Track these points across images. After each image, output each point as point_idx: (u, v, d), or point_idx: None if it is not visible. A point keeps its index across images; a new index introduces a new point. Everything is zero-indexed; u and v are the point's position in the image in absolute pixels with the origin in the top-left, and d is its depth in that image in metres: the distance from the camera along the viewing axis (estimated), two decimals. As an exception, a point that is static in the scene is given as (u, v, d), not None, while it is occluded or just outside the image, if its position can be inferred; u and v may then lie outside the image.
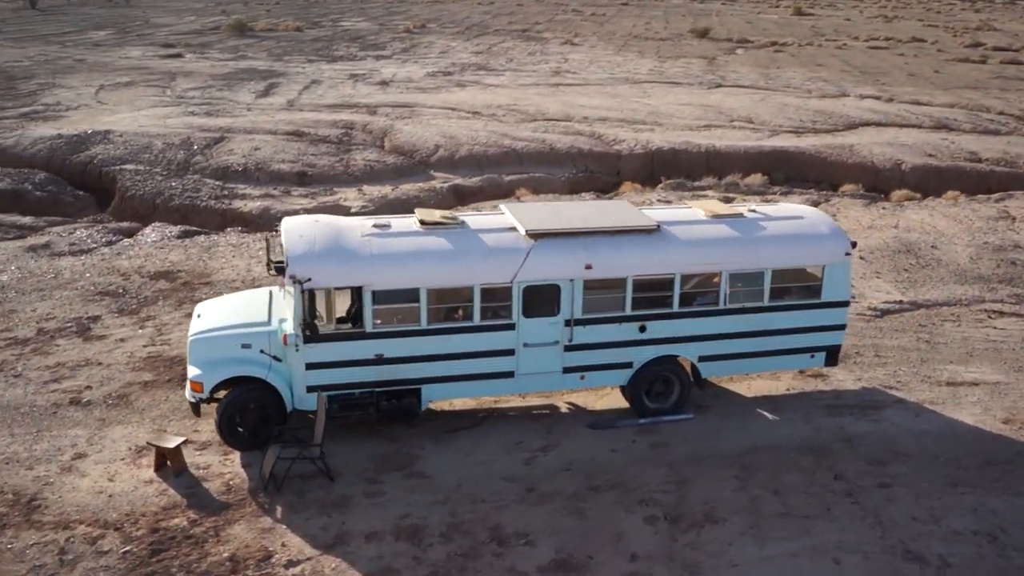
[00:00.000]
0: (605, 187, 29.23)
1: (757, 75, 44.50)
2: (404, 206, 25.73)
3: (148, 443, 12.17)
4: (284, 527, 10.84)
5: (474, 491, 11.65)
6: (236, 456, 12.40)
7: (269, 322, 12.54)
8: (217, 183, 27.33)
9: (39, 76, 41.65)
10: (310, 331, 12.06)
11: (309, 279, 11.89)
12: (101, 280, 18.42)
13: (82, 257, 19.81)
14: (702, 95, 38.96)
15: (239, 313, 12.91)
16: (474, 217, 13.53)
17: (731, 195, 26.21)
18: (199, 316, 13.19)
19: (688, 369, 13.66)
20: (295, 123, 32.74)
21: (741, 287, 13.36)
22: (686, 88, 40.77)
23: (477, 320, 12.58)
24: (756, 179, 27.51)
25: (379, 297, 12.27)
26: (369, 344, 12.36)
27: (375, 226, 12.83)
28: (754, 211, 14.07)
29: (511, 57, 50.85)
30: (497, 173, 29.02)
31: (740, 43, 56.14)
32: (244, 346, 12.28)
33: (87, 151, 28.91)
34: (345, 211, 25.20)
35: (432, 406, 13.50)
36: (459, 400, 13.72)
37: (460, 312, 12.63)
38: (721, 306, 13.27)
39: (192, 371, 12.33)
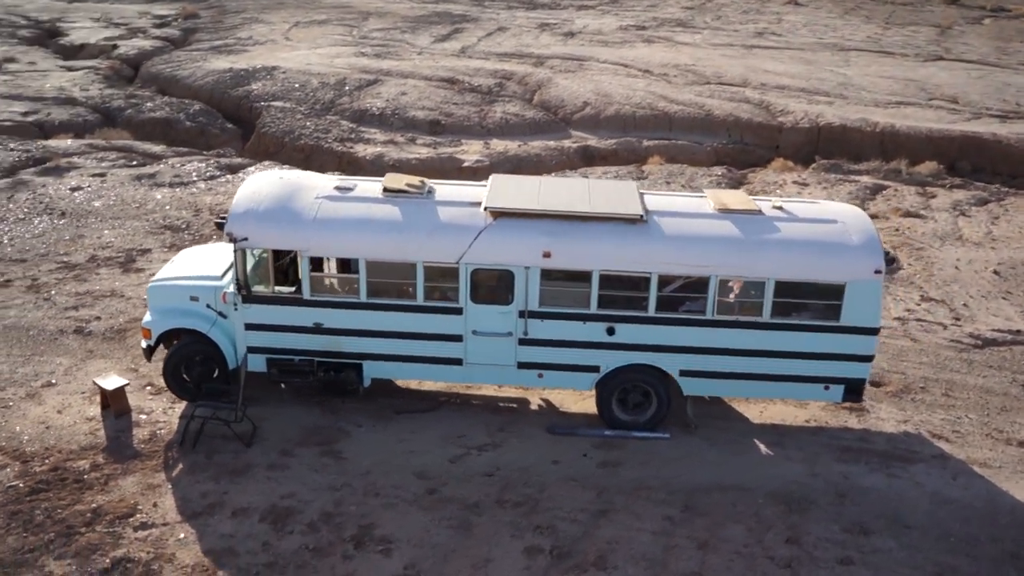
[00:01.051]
0: (757, 162, 26.56)
1: (991, 49, 38.55)
2: (524, 163, 24.84)
3: (93, 382, 12.40)
4: (169, 487, 10.63)
5: (376, 482, 10.85)
6: (181, 406, 12.35)
7: (221, 277, 12.28)
8: (351, 126, 27.66)
9: (248, 11, 44.26)
10: (246, 292, 11.67)
11: (245, 238, 11.46)
12: (174, 214, 19.15)
13: (176, 189, 20.72)
14: (911, 68, 34.35)
15: (202, 265, 12.75)
16: (445, 187, 12.44)
17: (888, 183, 22.85)
18: (172, 262, 13.22)
19: (667, 386, 11.81)
20: (455, 70, 32.45)
21: (736, 297, 11.36)
22: (897, 59, 36.11)
23: (421, 300, 11.61)
24: (928, 167, 23.80)
25: (317, 264, 11.62)
26: (307, 312, 11.79)
27: (336, 188, 12.14)
28: (780, 208, 11.88)
29: (721, 14, 47.53)
30: (638, 137, 27.20)
31: (994, 12, 48.87)
32: (192, 299, 12.14)
33: (246, 86, 30.28)
34: (459, 164, 24.70)
35: (401, 384, 12.78)
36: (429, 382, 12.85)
37: (408, 289, 11.69)
38: (708, 316, 11.36)
39: (145, 317, 12.38)
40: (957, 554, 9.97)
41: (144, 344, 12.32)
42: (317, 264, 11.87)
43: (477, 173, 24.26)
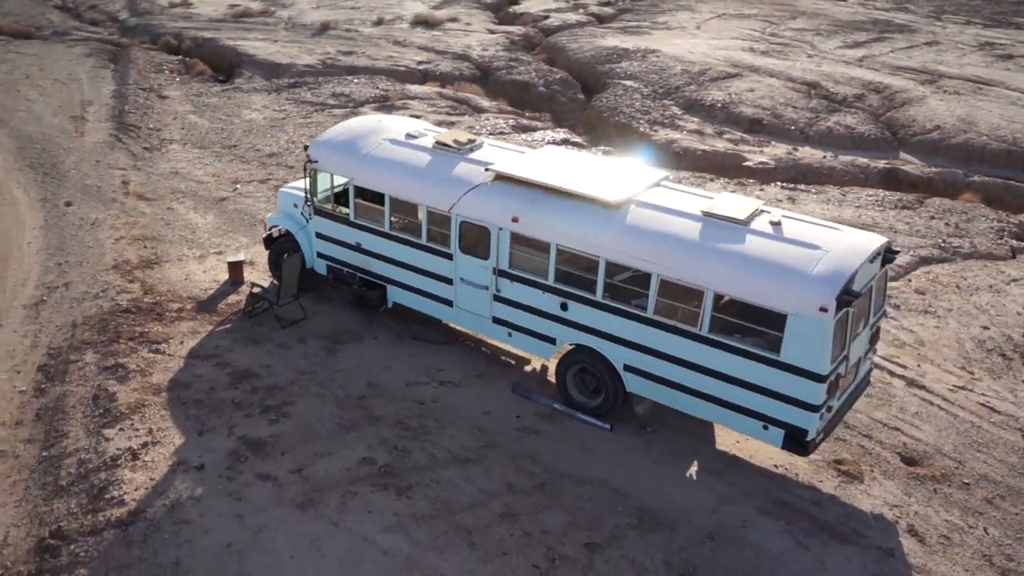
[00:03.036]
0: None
1: None
2: (810, 173, 23.74)
3: (217, 256, 15.97)
4: (200, 336, 13.66)
5: (333, 379, 12.67)
6: (279, 287, 15.37)
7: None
8: (676, 112, 28.45)
9: (681, 1, 46.11)
10: (309, 205, 14.23)
11: (316, 161, 13.97)
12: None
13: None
14: None
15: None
16: (489, 149, 13.50)
17: None
18: (311, 174, 16.17)
19: (617, 377, 11.72)
20: (827, 76, 31.10)
21: (677, 302, 10.99)
22: None
23: (424, 240, 13.08)
24: None
25: (359, 192, 13.70)
26: (352, 232, 13.95)
27: (406, 135, 13.99)
28: (776, 224, 11.04)
29: None
30: (974, 170, 24.02)
31: None
32: (295, 205, 15.02)
33: (614, 63, 32.43)
34: (741, 163, 24.43)
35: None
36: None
37: (417, 228, 13.22)
38: (647, 314, 11.18)
39: (270, 213, 15.62)
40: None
41: (264, 233, 15.48)
42: (368, 195, 13.60)
43: (755, 174, 23.78)
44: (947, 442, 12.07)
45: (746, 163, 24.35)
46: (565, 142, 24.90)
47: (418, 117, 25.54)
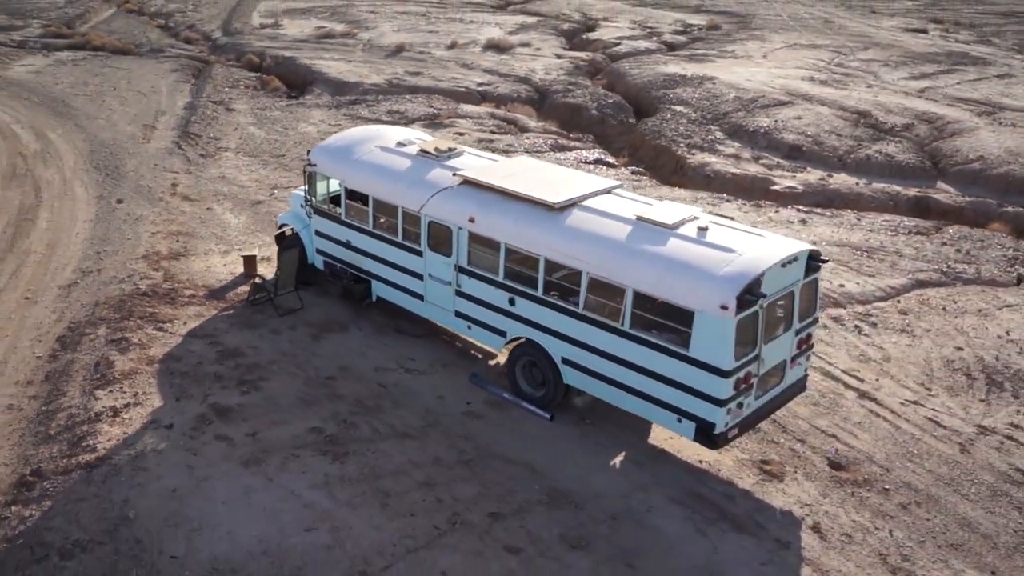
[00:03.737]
0: None
1: None
2: (837, 198, 23.96)
3: (239, 251, 17.54)
4: (203, 319, 15.15)
5: (309, 362, 13.90)
6: (288, 281, 16.84)
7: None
8: (719, 136, 29.00)
9: (766, 28, 46.36)
10: (308, 204, 15.66)
11: (314, 165, 15.40)
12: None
13: (500, 155, 25.21)
14: None
15: (327, 182, 16.89)
16: (467, 158, 14.60)
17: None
18: (324, 179, 17.60)
19: (556, 369, 12.54)
20: (880, 106, 31.09)
21: (604, 299, 11.84)
22: None
23: (400, 238, 14.30)
24: None
25: (349, 194, 15.04)
26: (343, 230, 15.29)
27: (396, 143, 15.27)
28: (704, 229, 11.79)
29: None
30: (1010, 201, 23.81)
31: None
32: (301, 205, 16.49)
33: (669, 89, 33.18)
34: (769, 186, 24.84)
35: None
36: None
37: (394, 227, 14.41)
38: (579, 309, 12.08)
39: (282, 213, 17.14)
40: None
41: (276, 232, 16.99)
42: (357, 196, 14.82)
43: (782, 198, 24.19)
44: (880, 451, 12.44)
45: (774, 187, 24.70)
46: (598, 161, 25.83)
47: (462, 135, 26.92)
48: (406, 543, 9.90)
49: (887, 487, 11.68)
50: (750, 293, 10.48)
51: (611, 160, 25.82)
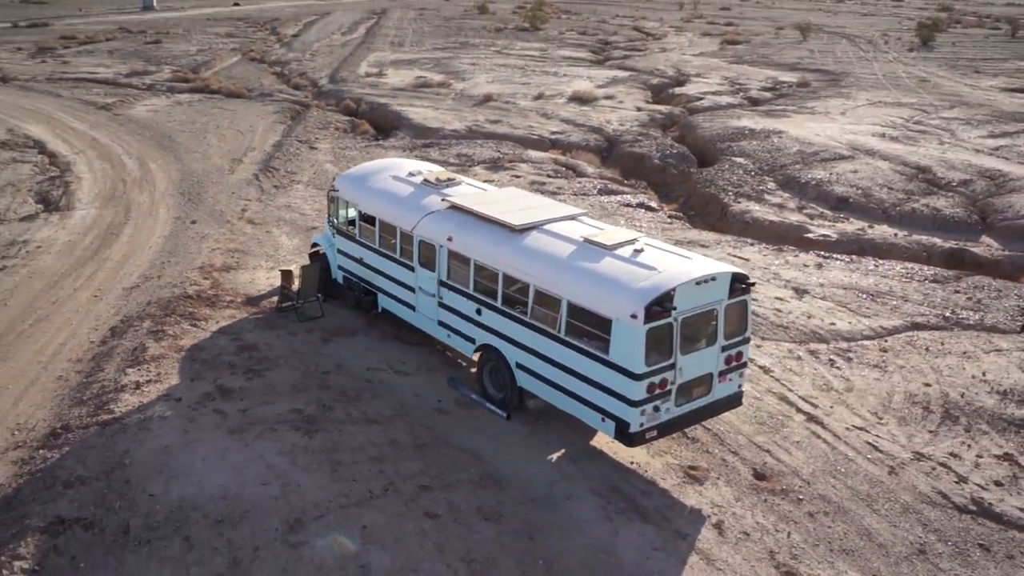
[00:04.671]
0: None
1: None
2: (869, 247, 24.58)
3: (276, 268, 19.88)
4: (234, 320, 17.48)
5: (315, 359, 15.86)
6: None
7: (349, 212, 18.50)
8: (770, 187, 29.93)
9: (848, 87, 46.75)
10: (332, 226, 17.88)
11: (336, 190, 17.65)
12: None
13: (549, 197, 27.01)
14: None
15: (355, 208, 19.07)
16: (462, 187, 16.49)
17: None
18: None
19: (511, 373, 14.01)
20: (945, 161, 31.22)
21: (546, 309, 13.37)
22: None
23: (398, 254, 16.28)
24: None
25: (364, 215, 17.16)
26: (356, 248, 17.40)
27: (408, 173, 17.35)
28: (639, 251, 13.24)
29: None
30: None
31: None
32: (329, 226, 18.74)
33: (735, 142, 34.32)
34: (803, 234, 25.68)
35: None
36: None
37: (395, 245, 16.38)
38: (527, 319, 13.68)
39: (316, 234, 19.45)
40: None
41: (311, 250, 19.28)
42: (368, 219, 16.81)
43: (815, 245, 25.00)
44: (808, 467, 13.38)
45: (808, 235, 25.50)
46: (640, 205, 27.24)
47: (518, 177, 28.90)
48: (340, 501, 11.62)
49: (801, 497, 12.62)
50: (659, 305, 11.81)
51: (652, 204, 27.17)
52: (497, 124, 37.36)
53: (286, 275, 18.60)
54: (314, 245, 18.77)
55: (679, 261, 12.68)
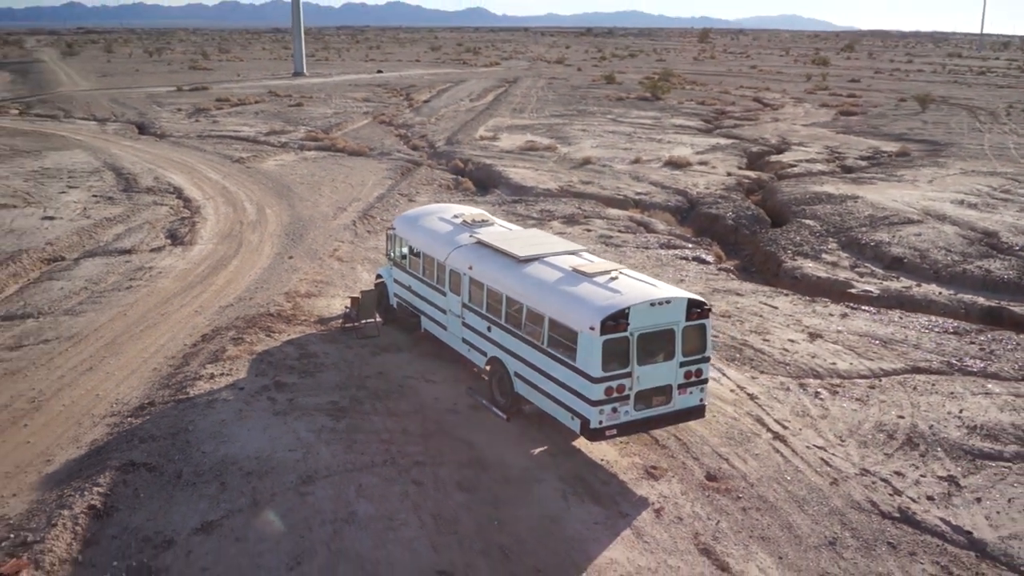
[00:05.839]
0: None
1: None
2: (911, 303, 25.78)
3: (346, 294, 23.26)
4: (302, 333, 20.90)
5: (360, 363, 19.01)
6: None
7: (405, 250, 21.76)
8: (831, 247, 31.38)
9: (950, 158, 47.18)
10: (390, 259, 21.18)
11: (393, 228, 20.98)
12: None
13: (612, 248, 29.63)
14: None
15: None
16: (491, 227, 19.42)
17: None
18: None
19: (511, 381, 16.46)
20: (1016, 228, 31.88)
21: (535, 324, 16.00)
22: None
23: (435, 282, 19.34)
24: None
25: (413, 250, 20.35)
26: (407, 277, 20.57)
27: (452, 215, 20.50)
28: (613, 278, 15.76)
29: None
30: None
31: None
32: (388, 259, 22.04)
33: (808, 205, 35.95)
34: (846, 289, 27.19)
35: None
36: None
37: (433, 274, 19.42)
38: (522, 333, 16.37)
39: (380, 267, 22.82)
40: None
41: (375, 281, 22.62)
42: (416, 252, 19.91)
43: (856, 299, 26.47)
44: (757, 474, 15.29)
45: (851, 290, 26.96)
46: (696, 259, 29.35)
47: (590, 231, 31.61)
48: (347, 466, 14.48)
49: (740, 496, 14.56)
50: (614, 320, 14.23)
51: (707, 258, 29.20)
52: (588, 185, 40.22)
53: (355, 300, 21.91)
54: (378, 276, 22.00)
55: (644, 287, 15.06)
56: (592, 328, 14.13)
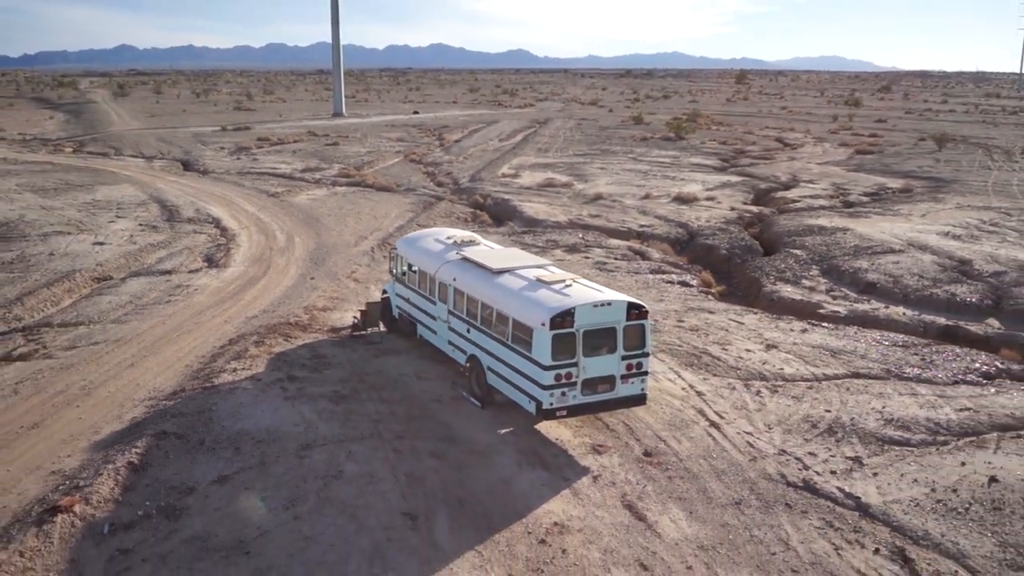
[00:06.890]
0: None
1: None
2: (872, 322, 28.23)
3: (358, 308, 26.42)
4: (315, 340, 24.10)
5: (364, 361, 22.19)
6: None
7: (408, 269, 24.92)
8: (812, 273, 33.79)
9: (950, 194, 49.32)
10: (393, 275, 24.36)
11: (395, 248, 24.18)
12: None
13: (605, 274, 32.51)
14: None
15: (416, 265, 25.42)
16: (477, 247, 22.48)
17: None
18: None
19: (485, 375, 19.32)
20: (991, 256, 33.68)
21: (503, 324, 18.95)
22: None
23: (427, 293, 22.44)
24: None
25: (411, 266, 23.51)
26: (405, 290, 23.69)
27: (447, 237, 23.65)
28: (568, 284, 18.73)
29: None
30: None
31: None
32: (391, 275, 25.21)
33: (799, 236, 38.50)
34: (817, 310, 29.71)
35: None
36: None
37: (426, 286, 22.52)
38: (492, 332, 19.34)
39: (385, 283, 26.00)
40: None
41: (382, 296, 25.79)
42: (414, 268, 23.10)
43: (823, 319, 28.93)
44: (689, 452, 17.94)
45: (820, 311, 29.46)
46: (681, 283, 32.08)
47: (588, 258, 34.54)
48: (340, 438, 17.46)
49: (668, 467, 17.22)
50: (560, 318, 17.14)
51: (691, 282, 31.87)
52: (596, 218, 43.14)
53: (363, 312, 25.07)
54: (384, 292, 25.13)
55: (590, 292, 17.96)
56: (543, 324, 17.03)
